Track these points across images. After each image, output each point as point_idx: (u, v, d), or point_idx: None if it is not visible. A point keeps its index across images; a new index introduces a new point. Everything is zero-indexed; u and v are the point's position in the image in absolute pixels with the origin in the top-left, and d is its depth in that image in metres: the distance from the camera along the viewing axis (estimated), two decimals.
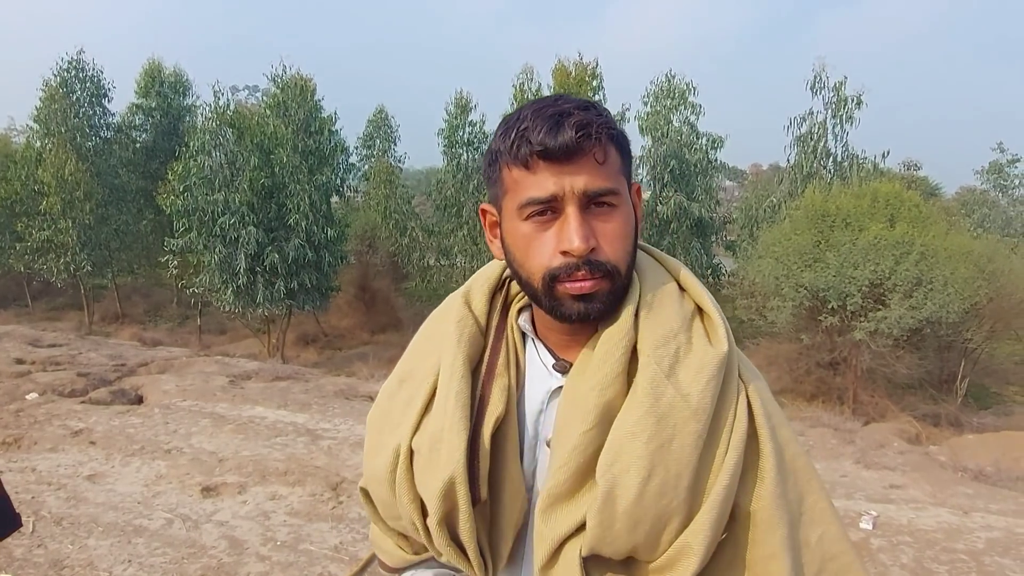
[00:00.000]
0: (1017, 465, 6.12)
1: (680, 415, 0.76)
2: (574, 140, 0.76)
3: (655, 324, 0.82)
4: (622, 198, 0.81)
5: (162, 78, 23.64)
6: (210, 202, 16.29)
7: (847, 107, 18.40)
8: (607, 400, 0.79)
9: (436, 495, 0.83)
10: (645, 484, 0.75)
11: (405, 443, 0.88)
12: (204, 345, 18.19)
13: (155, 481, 4.74)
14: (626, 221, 0.82)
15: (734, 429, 0.80)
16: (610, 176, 0.79)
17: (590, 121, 0.77)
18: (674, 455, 0.76)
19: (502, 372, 0.88)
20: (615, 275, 0.81)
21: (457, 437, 0.83)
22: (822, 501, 0.84)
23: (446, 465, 0.82)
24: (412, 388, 0.93)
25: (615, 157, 0.81)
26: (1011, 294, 15.89)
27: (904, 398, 15.34)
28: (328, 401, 7.42)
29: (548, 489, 0.80)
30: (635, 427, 0.76)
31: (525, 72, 18.24)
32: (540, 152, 0.77)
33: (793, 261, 14.93)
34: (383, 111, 29.85)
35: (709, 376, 0.78)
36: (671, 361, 0.79)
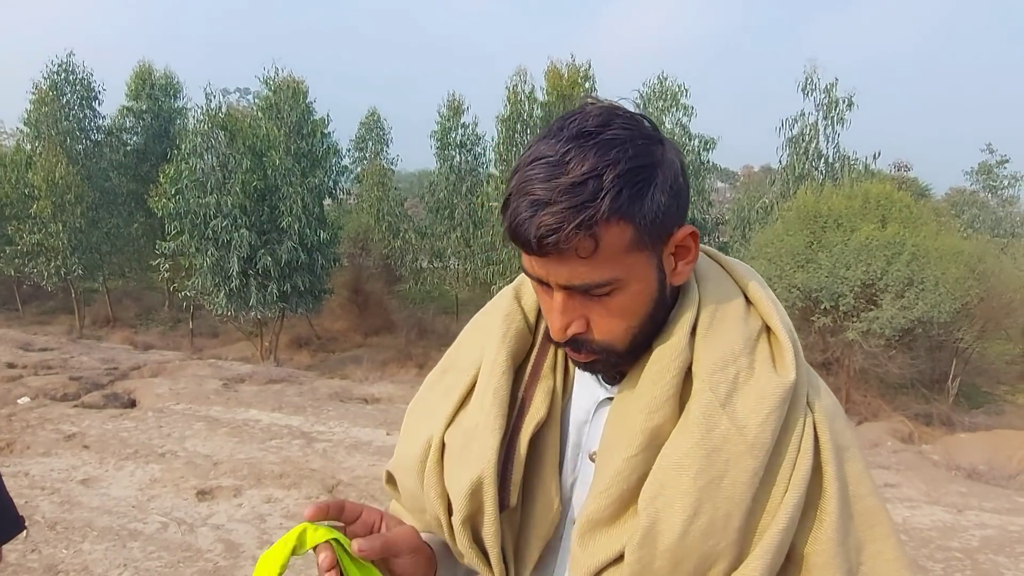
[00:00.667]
0: (1009, 463, 6.16)
1: (734, 449, 0.70)
2: (536, 246, 0.67)
3: (713, 345, 0.74)
4: (625, 280, 0.71)
5: (153, 80, 23.53)
6: (202, 205, 16.24)
7: (838, 108, 18.50)
8: (655, 425, 0.73)
9: (463, 494, 0.79)
10: (690, 523, 0.69)
11: (438, 435, 0.84)
12: (196, 348, 18.11)
13: (149, 485, 4.71)
14: (631, 298, 0.73)
15: (797, 465, 0.72)
16: (600, 266, 0.69)
17: (560, 223, 0.65)
18: (725, 493, 0.69)
19: (547, 374, 0.82)
20: (608, 352, 0.75)
21: (491, 436, 0.78)
22: (889, 550, 0.76)
23: (476, 464, 0.78)
24: (452, 379, 0.89)
25: (617, 238, 0.68)
26: (1001, 294, 16.02)
27: (897, 398, 15.43)
28: (322, 404, 7.40)
29: (588, 514, 0.75)
30: (683, 459, 0.70)
31: (519, 74, 18.28)
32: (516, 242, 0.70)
33: (786, 262, 15.00)
34: (375, 113, 29.82)
35: (771, 408, 0.71)
36: (728, 388, 0.72)
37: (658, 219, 0.70)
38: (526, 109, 17.92)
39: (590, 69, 18.51)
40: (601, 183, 0.66)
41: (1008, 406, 16.58)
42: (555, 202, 0.66)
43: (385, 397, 8.45)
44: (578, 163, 0.67)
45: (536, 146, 0.70)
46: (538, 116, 17.85)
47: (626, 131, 0.69)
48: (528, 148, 0.72)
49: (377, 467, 5.31)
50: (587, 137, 0.68)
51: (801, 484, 0.72)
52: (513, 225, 0.69)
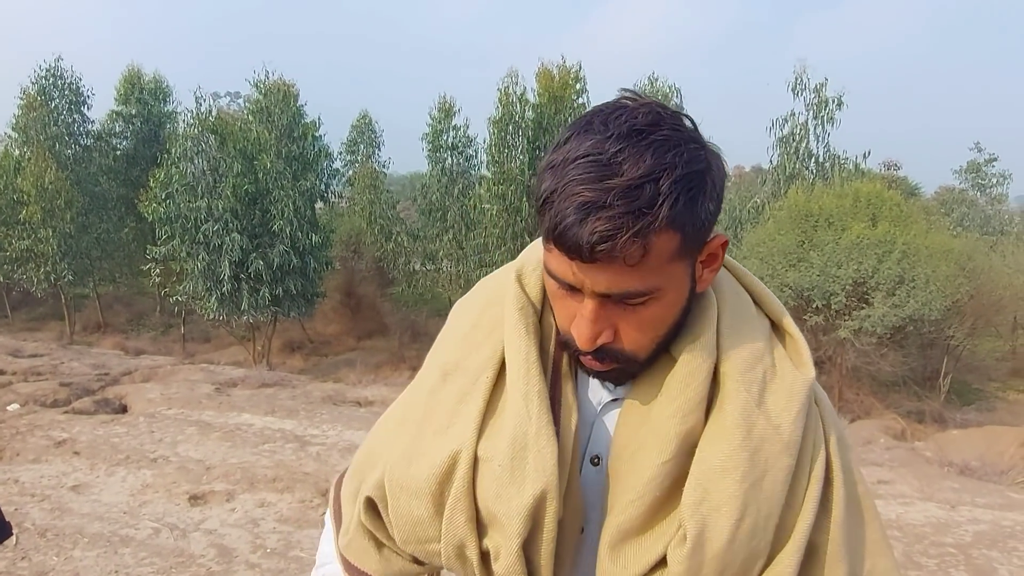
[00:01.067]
0: (1001, 459, 6.20)
1: (772, 449, 0.69)
2: (588, 252, 0.62)
3: (740, 344, 0.73)
4: (663, 290, 0.68)
5: (142, 85, 23.47)
6: (193, 209, 16.18)
7: (828, 108, 18.60)
8: (688, 428, 0.70)
9: (521, 512, 0.71)
10: (738, 526, 0.68)
11: (469, 449, 0.74)
12: (188, 353, 18.03)
13: (141, 490, 4.68)
14: (664, 308, 0.69)
15: (815, 460, 0.73)
16: (645, 275, 0.65)
17: (617, 229, 0.61)
18: (765, 493, 0.69)
19: (567, 373, 0.78)
20: (632, 361, 0.72)
21: (548, 445, 0.71)
22: (876, 532, 0.78)
23: (536, 477, 0.70)
24: (463, 383, 0.79)
25: (664, 246, 0.64)
26: (991, 291, 16.14)
27: (889, 395, 15.51)
28: (316, 407, 7.37)
29: (619, 524, 0.71)
30: (727, 462, 0.68)
31: (510, 76, 18.30)
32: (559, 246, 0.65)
33: (777, 261, 15.08)
34: (367, 116, 29.80)
35: (800, 405, 0.71)
36: (760, 388, 0.71)
37: (704, 228, 0.67)
38: (518, 111, 17.94)
39: (581, 71, 18.56)
40: (659, 188, 0.61)
41: (999, 402, 16.69)
42: (609, 206, 0.61)
43: (379, 400, 8.42)
44: (633, 164, 0.61)
45: (577, 141, 0.64)
46: (530, 118, 17.87)
47: (678, 132, 0.65)
48: (564, 143, 0.66)
49: None
50: (639, 136, 0.63)
51: (821, 476, 0.73)
52: (559, 228, 0.63)
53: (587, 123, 0.65)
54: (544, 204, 0.65)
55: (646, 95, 0.69)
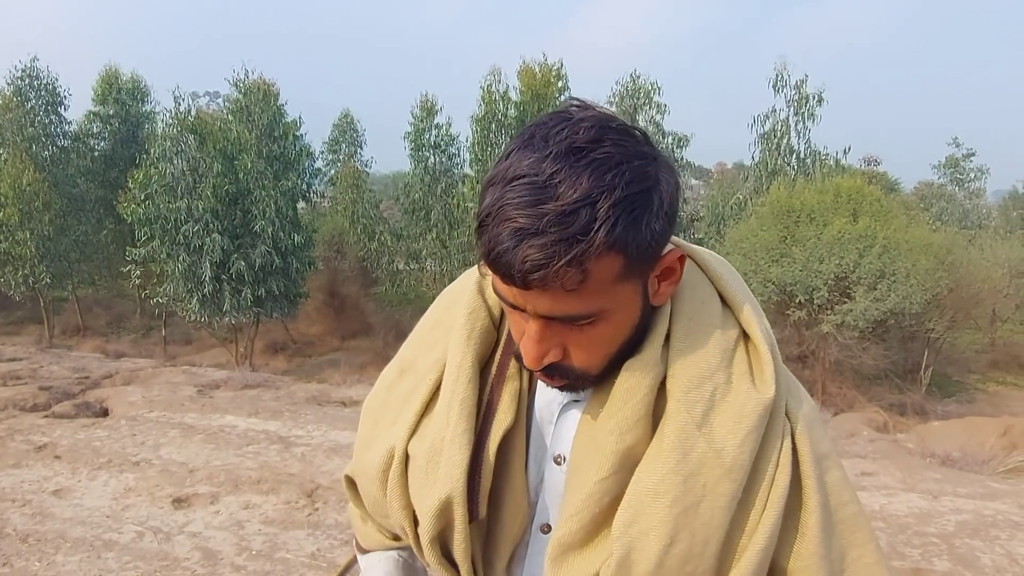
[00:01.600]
0: (982, 450, 6.29)
1: (712, 473, 0.66)
2: (520, 280, 0.60)
3: (689, 359, 0.69)
4: (608, 311, 0.65)
5: (120, 85, 23.15)
6: (173, 210, 16.01)
7: (809, 104, 18.77)
8: (627, 446, 0.68)
9: (430, 513, 0.75)
10: (666, 552, 0.66)
11: (400, 447, 0.78)
12: (169, 356, 17.84)
13: (124, 494, 4.62)
14: (613, 327, 0.67)
15: (775, 482, 0.69)
16: (587, 299, 0.63)
17: (550, 258, 0.58)
18: (702, 519, 0.66)
19: (514, 375, 0.77)
20: (583, 378, 0.71)
21: (459, 452, 0.73)
22: (869, 554, 0.74)
23: (444, 483, 0.73)
24: (412, 382, 0.82)
25: (606, 270, 0.62)
26: (969, 284, 16.38)
27: (871, 388, 15.68)
28: (300, 408, 7.32)
29: (559, 538, 0.71)
30: (658, 486, 0.66)
31: (492, 73, 18.29)
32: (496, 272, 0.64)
33: (760, 257, 15.19)
34: (348, 115, 29.63)
35: (749, 428, 0.67)
36: (705, 407, 0.68)
37: (651, 247, 0.64)
38: (500, 109, 17.94)
39: (563, 68, 18.58)
40: (595, 213, 0.59)
41: (979, 394, 16.94)
42: (542, 232, 0.58)
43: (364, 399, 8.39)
44: (569, 187, 0.59)
45: (516, 159, 0.62)
46: (512, 116, 17.86)
47: (621, 149, 0.61)
48: (505, 157, 0.63)
49: None
50: (578, 155, 0.60)
51: (779, 501, 0.68)
52: (493, 254, 0.61)
53: (529, 137, 0.63)
54: (480, 227, 0.63)
55: (595, 105, 0.66)
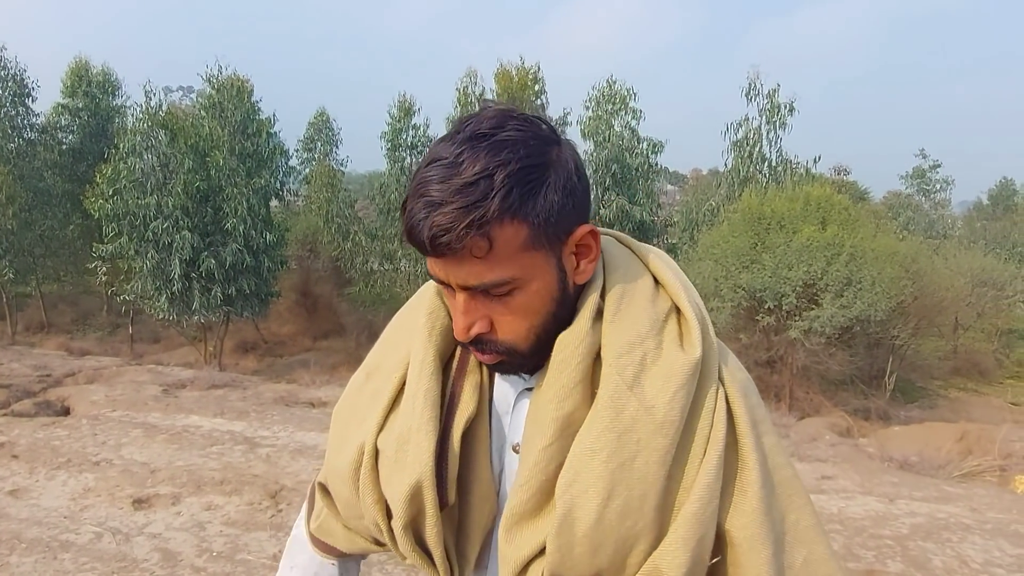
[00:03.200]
0: (938, 454, 6.44)
1: (644, 430, 0.70)
2: (430, 247, 0.68)
3: (621, 328, 0.74)
4: (524, 279, 0.71)
5: (90, 77, 22.70)
6: (142, 206, 15.73)
7: (780, 114, 19.04)
8: (566, 413, 0.72)
9: (402, 499, 0.78)
10: (605, 506, 0.69)
11: (370, 442, 0.82)
12: (136, 354, 17.54)
13: (83, 494, 4.54)
14: (532, 296, 0.72)
15: (711, 439, 0.72)
16: (497, 266, 0.69)
17: (452, 223, 0.65)
18: (637, 474, 0.69)
19: (474, 369, 0.82)
20: (514, 352, 0.75)
21: (426, 438, 0.77)
22: (806, 518, 0.77)
23: (413, 468, 0.77)
24: (379, 382, 0.87)
25: (512, 238, 0.68)
26: (933, 292, 16.74)
27: (837, 394, 15.95)
28: (267, 408, 7.25)
29: (510, 508, 0.75)
30: (594, 444, 0.70)
31: (469, 75, 18.28)
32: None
33: (731, 263, 15.36)
34: (324, 113, 29.40)
35: (678, 385, 0.71)
36: (636, 370, 0.72)
37: (552, 218, 0.69)
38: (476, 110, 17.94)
39: (539, 71, 18.63)
40: (492, 183, 0.66)
41: (941, 400, 17.31)
42: (447, 203, 0.66)
43: (332, 400, 8.31)
44: (470, 164, 0.67)
45: (434, 148, 0.70)
46: None
47: (519, 132, 0.69)
48: (428, 150, 0.71)
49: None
50: (480, 139, 0.68)
51: (716, 457, 0.72)
52: (408, 226, 0.68)
53: (448, 132, 0.71)
54: (403, 207, 0.70)
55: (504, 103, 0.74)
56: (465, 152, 0.67)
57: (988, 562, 3.75)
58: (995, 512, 4.51)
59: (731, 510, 0.73)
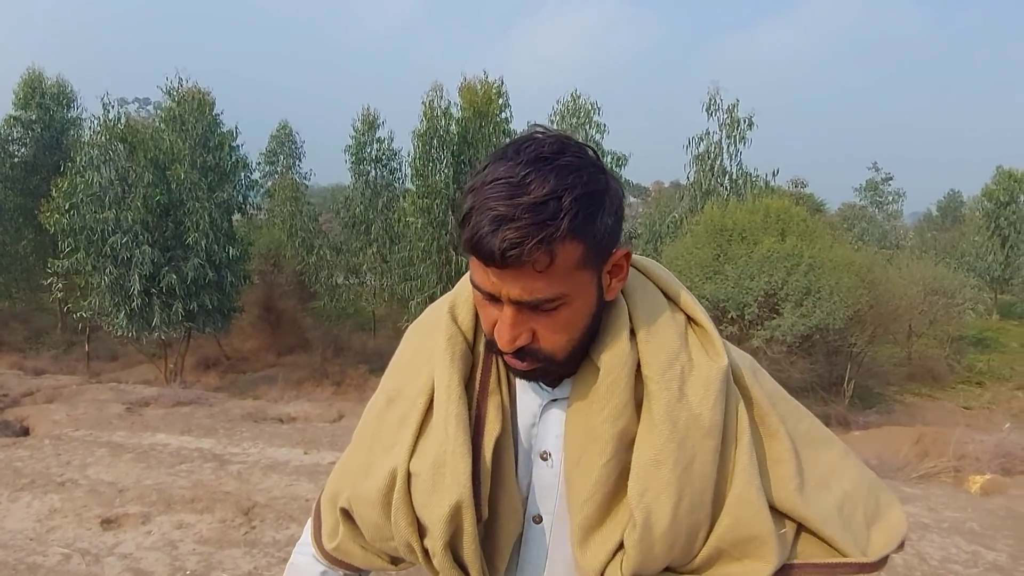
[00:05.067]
0: (897, 457, 6.65)
1: (696, 435, 0.79)
2: (500, 258, 0.71)
3: (657, 346, 0.82)
4: (572, 296, 0.77)
5: (43, 89, 22.16)
6: (99, 220, 15.38)
7: (740, 128, 19.49)
8: (620, 429, 0.80)
9: (442, 520, 0.82)
10: (677, 508, 0.78)
11: (403, 467, 0.86)
12: (93, 372, 17.07)
13: (49, 516, 4.42)
14: (574, 313, 0.78)
15: (739, 430, 0.83)
16: (553, 283, 0.74)
17: (524, 238, 0.70)
18: (697, 475, 0.79)
19: (495, 389, 0.87)
20: (551, 360, 0.81)
21: (462, 461, 0.82)
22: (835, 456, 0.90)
23: (451, 490, 0.82)
24: (403, 408, 0.90)
25: (569, 255, 0.74)
26: (888, 301, 17.23)
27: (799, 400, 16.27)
28: (235, 425, 7.15)
29: (579, 522, 0.82)
30: (659, 455, 0.78)
31: (434, 89, 18.33)
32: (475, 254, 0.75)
33: (695, 274, 15.63)
34: (287, 126, 29.15)
35: (717, 392, 0.81)
36: (679, 383, 0.80)
37: (604, 240, 0.76)
38: (442, 124, 17.97)
39: (503, 86, 18.77)
40: (560, 204, 0.71)
41: (897, 405, 17.79)
42: (518, 218, 0.70)
43: (301, 416, 8.23)
44: (539, 185, 0.71)
45: (493, 168, 0.74)
46: (454, 132, 17.93)
47: (579, 159, 0.75)
48: (483, 169, 0.75)
49: (294, 487, 5.18)
50: (544, 162, 0.73)
51: (747, 443, 0.82)
52: (475, 238, 0.72)
53: (502, 153, 0.76)
54: (464, 220, 0.74)
55: (554, 129, 0.80)
56: (532, 174, 0.72)
57: (946, 559, 3.90)
58: (951, 511, 4.69)
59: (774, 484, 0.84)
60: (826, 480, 0.87)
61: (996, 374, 20.96)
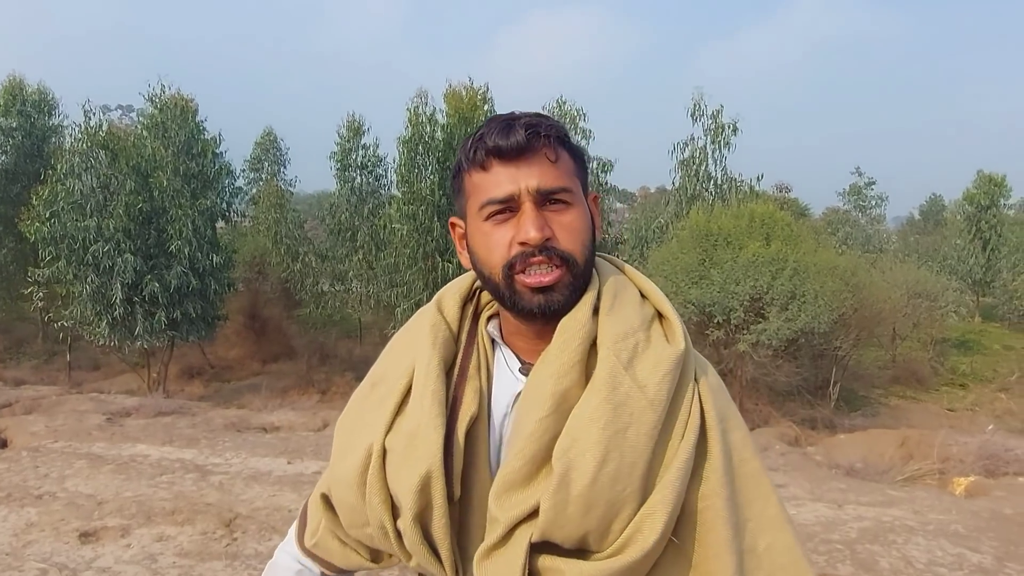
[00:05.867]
0: (882, 460, 6.68)
1: (637, 404, 0.78)
2: (524, 138, 0.82)
3: (615, 320, 0.84)
4: (576, 196, 0.86)
5: (24, 96, 21.90)
6: (81, 228, 15.19)
7: (724, 133, 19.60)
8: (564, 388, 0.80)
9: (412, 489, 0.82)
10: (600, 468, 0.76)
11: (379, 441, 0.87)
12: (75, 382, 16.86)
13: (25, 529, 4.34)
14: (581, 216, 0.86)
15: (688, 424, 0.81)
16: (563, 175, 0.85)
17: (539, 123, 0.84)
18: (629, 442, 0.77)
19: (474, 375, 0.90)
20: (572, 264, 0.84)
21: (435, 432, 0.83)
22: (772, 508, 0.84)
23: (422, 460, 0.82)
24: (385, 389, 0.92)
25: (567, 160, 0.86)
26: (872, 304, 17.38)
27: (785, 404, 16.36)
28: (218, 435, 7.07)
29: (503, 475, 0.80)
30: (593, 413, 0.77)
31: (420, 96, 18.29)
32: (495, 152, 0.84)
33: (681, 279, 15.68)
34: (271, 133, 29.00)
35: (666, 370, 0.80)
36: (630, 355, 0.81)
37: (583, 167, 0.90)
38: (427, 131, 17.93)
39: (488, 92, 18.76)
40: (549, 124, 0.86)
41: (882, 408, 17.93)
42: (522, 122, 0.84)
43: (286, 425, 8.16)
44: (527, 117, 0.86)
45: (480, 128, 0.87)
46: (439, 138, 17.91)
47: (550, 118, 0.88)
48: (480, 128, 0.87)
49: (277, 497, 5.12)
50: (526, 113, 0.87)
51: (692, 439, 0.80)
52: (491, 141, 0.84)
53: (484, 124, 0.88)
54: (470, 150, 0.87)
55: None
56: (519, 114, 0.87)
57: (931, 561, 3.91)
58: (936, 514, 4.71)
59: (698, 492, 0.81)
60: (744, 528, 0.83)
61: (979, 376, 21.18)
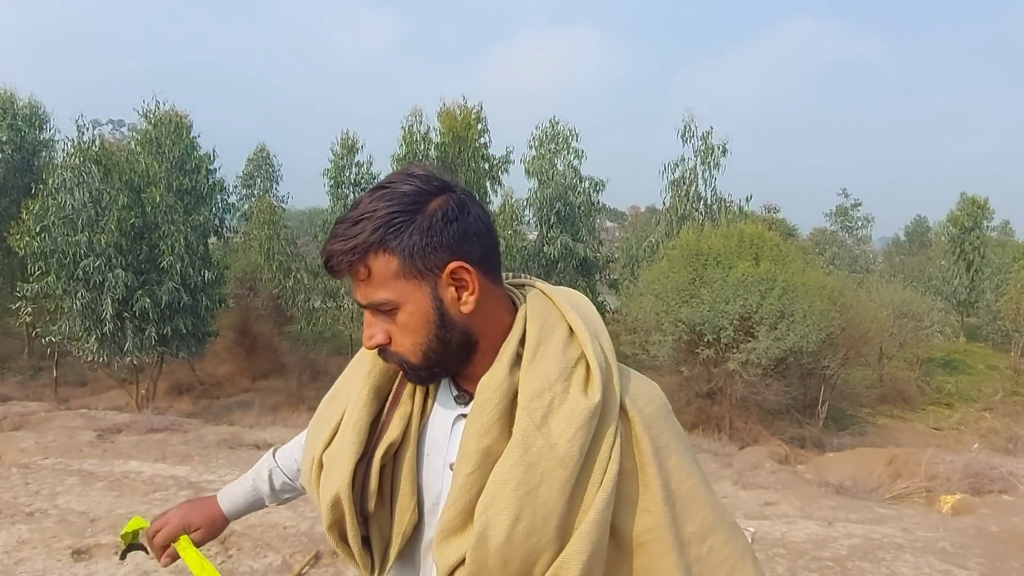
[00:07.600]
0: (871, 478, 6.75)
1: (548, 463, 0.83)
2: (326, 269, 0.89)
3: (534, 375, 0.87)
4: (402, 297, 0.86)
5: (15, 110, 21.88)
6: (72, 243, 15.15)
7: (714, 154, 19.86)
8: (486, 446, 0.86)
9: (326, 506, 0.97)
10: (513, 526, 0.83)
11: (317, 456, 1.01)
12: (61, 398, 16.68)
13: (16, 547, 4.31)
14: (411, 317, 0.88)
15: (607, 470, 0.85)
16: (378, 288, 0.86)
17: (334, 252, 0.86)
18: (541, 500, 0.83)
19: (405, 401, 0.97)
20: (406, 362, 0.91)
21: (347, 460, 0.94)
22: (709, 516, 0.91)
23: (335, 482, 0.95)
24: (334, 407, 1.03)
25: (384, 265, 0.85)
26: (859, 324, 17.55)
27: (774, 423, 16.45)
28: (211, 452, 7.04)
29: (441, 525, 0.88)
30: (506, 475, 0.84)
31: (414, 114, 18.45)
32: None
33: (671, 298, 15.80)
34: (264, 149, 29.08)
35: (578, 426, 0.84)
36: (544, 412, 0.85)
37: (416, 254, 0.85)
38: (421, 149, 18.06)
39: (482, 111, 18.95)
40: (367, 224, 0.85)
41: (869, 426, 18.04)
42: (338, 236, 0.86)
43: (278, 441, 8.13)
44: (361, 208, 0.86)
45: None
46: (433, 156, 18.03)
47: (407, 186, 0.87)
48: None
49: (272, 515, 5.11)
50: (378, 189, 0.88)
51: (610, 485, 0.85)
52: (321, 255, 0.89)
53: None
54: None
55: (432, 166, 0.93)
56: (364, 199, 0.88)
57: None
58: (924, 531, 4.77)
59: (638, 527, 0.87)
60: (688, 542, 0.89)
61: (964, 395, 21.39)
